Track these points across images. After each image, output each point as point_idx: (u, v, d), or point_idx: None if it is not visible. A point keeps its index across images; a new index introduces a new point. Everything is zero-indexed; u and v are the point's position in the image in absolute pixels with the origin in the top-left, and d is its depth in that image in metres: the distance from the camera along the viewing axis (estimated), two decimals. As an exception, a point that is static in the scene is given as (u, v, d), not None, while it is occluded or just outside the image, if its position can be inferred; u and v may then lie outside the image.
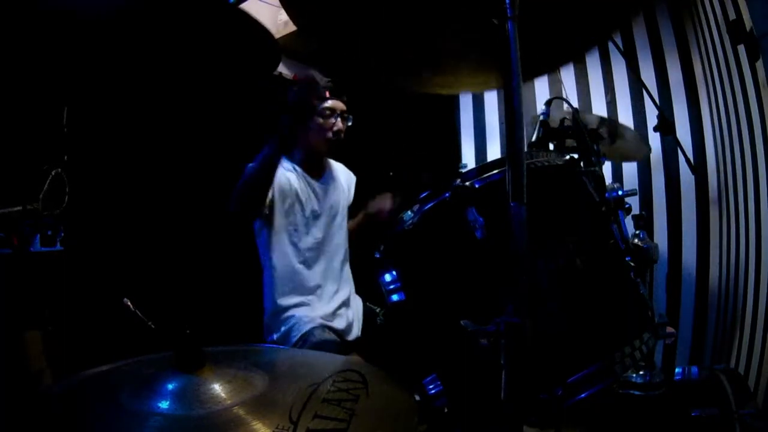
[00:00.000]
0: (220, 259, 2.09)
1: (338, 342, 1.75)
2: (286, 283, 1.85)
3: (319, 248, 1.89)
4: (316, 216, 1.90)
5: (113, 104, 1.82)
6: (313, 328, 1.76)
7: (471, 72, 1.10)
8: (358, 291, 2.06)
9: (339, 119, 1.87)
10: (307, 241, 1.87)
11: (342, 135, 1.88)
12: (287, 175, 1.88)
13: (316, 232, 1.89)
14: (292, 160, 1.94)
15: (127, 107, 1.87)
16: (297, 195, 1.86)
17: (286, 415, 0.61)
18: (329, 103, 1.87)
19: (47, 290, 1.53)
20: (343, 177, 2.09)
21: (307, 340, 1.72)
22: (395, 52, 1.02)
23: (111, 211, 1.89)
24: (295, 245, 1.85)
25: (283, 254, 1.85)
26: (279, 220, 1.84)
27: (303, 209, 1.87)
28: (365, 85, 1.81)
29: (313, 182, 1.93)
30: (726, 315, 2.11)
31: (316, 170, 1.96)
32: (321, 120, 1.87)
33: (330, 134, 1.87)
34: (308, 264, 1.86)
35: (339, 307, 1.87)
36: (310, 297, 1.84)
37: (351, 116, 1.92)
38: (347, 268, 2.01)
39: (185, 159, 2.05)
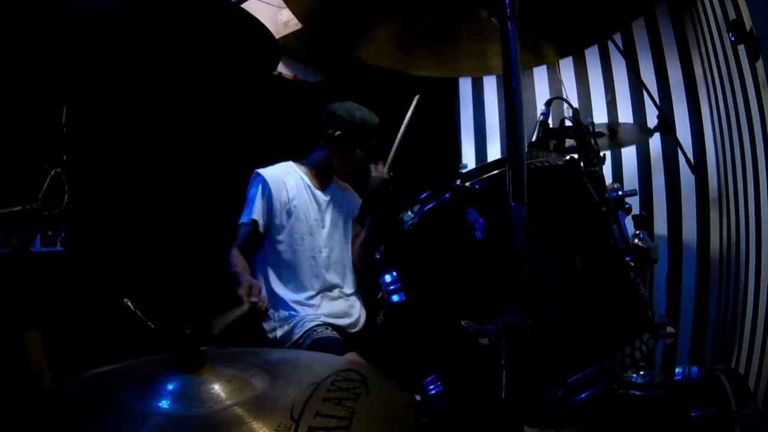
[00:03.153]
0: (220, 259, 2.09)
1: (339, 339, 1.75)
2: (286, 285, 1.86)
3: (321, 256, 1.90)
4: (318, 225, 1.92)
5: (113, 104, 1.82)
6: (316, 325, 1.76)
7: (470, 52, 1.08)
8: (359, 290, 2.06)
9: (376, 173, 1.89)
10: (309, 249, 1.88)
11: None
12: (289, 181, 1.90)
13: (319, 240, 1.90)
14: (301, 167, 1.96)
15: (127, 107, 1.87)
16: (297, 204, 1.88)
17: (288, 413, 0.61)
18: (382, 166, 1.91)
19: (47, 290, 1.54)
20: (350, 194, 2.10)
21: (309, 337, 1.73)
22: (391, 30, 1.01)
23: (111, 211, 1.89)
24: (295, 251, 1.86)
25: (283, 260, 1.87)
26: (278, 226, 1.86)
27: (305, 217, 1.89)
28: (364, 77, 1.81)
29: (316, 192, 1.95)
30: (726, 315, 2.11)
31: (322, 181, 1.99)
32: (364, 161, 1.92)
33: (358, 174, 1.94)
34: (309, 270, 1.88)
35: (337, 315, 1.88)
36: (308, 303, 1.85)
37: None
38: (351, 280, 2.02)
39: (185, 159, 2.05)
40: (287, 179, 1.90)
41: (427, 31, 1.02)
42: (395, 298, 1.03)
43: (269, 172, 1.89)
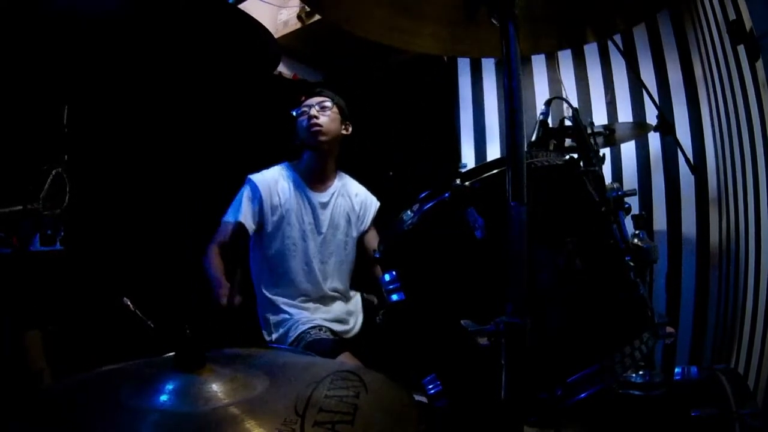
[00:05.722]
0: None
1: (335, 340, 1.75)
2: (279, 291, 1.86)
3: (315, 263, 1.89)
4: (312, 230, 1.90)
5: (113, 104, 1.82)
6: (310, 328, 1.76)
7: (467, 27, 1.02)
8: (358, 288, 2.06)
9: (311, 109, 1.90)
10: (302, 255, 1.87)
11: (319, 122, 1.89)
12: (280, 185, 1.89)
13: (313, 246, 1.89)
14: (296, 169, 1.96)
15: (127, 107, 1.87)
16: (289, 208, 1.87)
17: (292, 409, 0.62)
18: (305, 103, 1.94)
19: (47, 290, 1.54)
20: (358, 198, 2.05)
21: (302, 339, 1.73)
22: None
23: (111, 211, 1.90)
24: (287, 258, 1.86)
25: (276, 266, 1.86)
26: (270, 232, 1.86)
27: (298, 222, 1.88)
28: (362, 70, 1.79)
29: (312, 195, 1.93)
30: (726, 315, 2.11)
31: (319, 183, 1.97)
32: (300, 119, 1.92)
33: (306, 124, 1.90)
34: (303, 277, 1.87)
35: (333, 320, 1.87)
36: (303, 306, 1.85)
37: (329, 103, 1.93)
38: (345, 284, 2.00)
39: (185, 159, 2.05)
40: (279, 183, 1.90)
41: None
42: (394, 297, 1.03)
43: (260, 177, 1.90)
